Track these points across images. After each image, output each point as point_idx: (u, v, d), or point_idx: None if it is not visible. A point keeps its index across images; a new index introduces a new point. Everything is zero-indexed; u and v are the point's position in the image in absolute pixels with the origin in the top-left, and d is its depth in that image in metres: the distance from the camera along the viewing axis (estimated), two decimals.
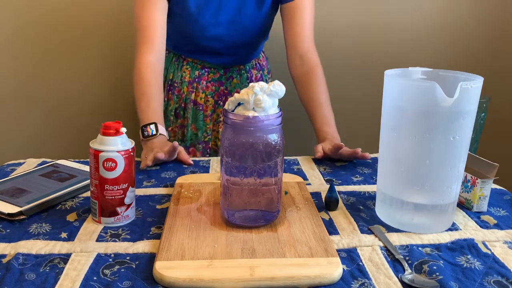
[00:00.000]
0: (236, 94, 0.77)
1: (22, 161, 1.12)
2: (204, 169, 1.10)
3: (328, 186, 0.98)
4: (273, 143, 0.75)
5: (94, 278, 0.67)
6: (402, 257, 0.73)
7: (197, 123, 1.45)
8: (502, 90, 1.82)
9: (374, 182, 1.02)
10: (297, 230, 0.78)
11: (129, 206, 0.83)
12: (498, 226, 0.83)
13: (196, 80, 1.43)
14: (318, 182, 1.02)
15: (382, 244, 0.77)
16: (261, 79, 1.52)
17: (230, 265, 0.68)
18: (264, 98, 0.75)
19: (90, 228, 0.81)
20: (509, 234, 0.81)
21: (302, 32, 1.31)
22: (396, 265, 0.71)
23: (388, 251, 0.75)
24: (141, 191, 0.96)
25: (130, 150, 0.81)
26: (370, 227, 0.82)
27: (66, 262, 0.70)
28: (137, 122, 1.22)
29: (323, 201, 0.91)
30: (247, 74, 1.48)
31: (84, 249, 0.74)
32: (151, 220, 0.85)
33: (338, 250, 0.74)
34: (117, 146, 0.80)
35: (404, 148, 0.80)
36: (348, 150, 1.11)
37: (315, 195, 0.95)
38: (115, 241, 0.77)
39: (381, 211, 0.86)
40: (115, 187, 0.80)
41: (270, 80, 1.56)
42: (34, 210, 0.85)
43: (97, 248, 0.75)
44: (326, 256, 0.70)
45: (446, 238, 0.79)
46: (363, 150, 1.46)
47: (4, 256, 0.72)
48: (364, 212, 0.88)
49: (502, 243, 0.78)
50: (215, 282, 0.65)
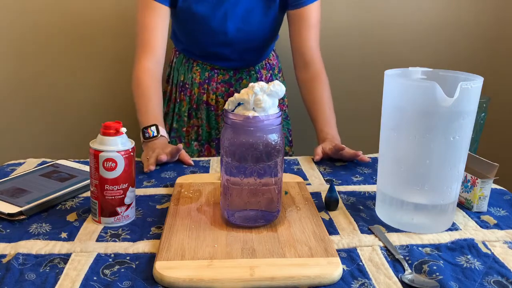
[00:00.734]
0: (236, 94, 0.77)
1: (22, 161, 1.12)
2: (204, 169, 1.10)
3: (328, 186, 0.98)
4: (273, 143, 0.75)
5: (94, 278, 0.67)
6: (402, 257, 0.73)
7: (210, 123, 1.46)
8: (502, 90, 1.82)
9: (374, 182, 1.02)
10: (297, 230, 0.78)
11: (129, 206, 0.83)
12: (498, 226, 0.83)
13: (206, 81, 1.43)
14: (318, 182, 1.02)
15: (382, 244, 0.77)
16: (271, 79, 1.51)
17: (230, 265, 0.68)
18: (264, 98, 0.75)
19: (90, 228, 0.81)
20: (509, 234, 0.81)
21: (308, 40, 1.31)
22: (396, 265, 0.71)
23: (388, 251, 0.75)
24: (141, 191, 0.96)
25: (130, 150, 0.81)
26: (370, 227, 0.82)
27: (66, 262, 0.70)
28: (137, 122, 1.22)
29: (323, 201, 0.91)
30: (257, 74, 1.47)
31: (84, 249, 0.74)
32: (151, 220, 0.85)
33: (338, 250, 0.74)
34: (117, 146, 0.80)
35: (404, 148, 0.80)
36: (349, 151, 1.11)
37: (315, 195, 0.95)
38: (115, 241, 0.77)
39: (381, 211, 0.86)
40: (115, 187, 0.80)
41: (281, 78, 1.57)
42: (34, 210, 0.85)
43: (97, 248, 0.74)
44: (326, 256, 0.70)
45: (446, 238, 0.79)
46: (363, 150, 1.46)
47: (4, 256, 0.72)
48: (364, 212, 0.88)
49: (502, 243, 0.78)
50: (215, 282, 0.65)
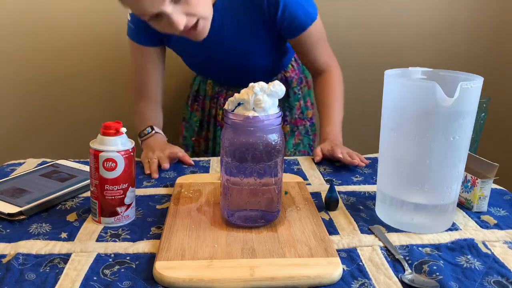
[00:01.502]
0: (236, 94, 0.77)
1: (22, 161, 1.13)
2: (204, 169, 1.10)
3: (328, 186, 0.98)
4: (273, 143, 0.75)
5: (94, 278, 0.67)
6: (402, 257, 0.73)
7: (217, 139, 1.44)
8: (502, 90, 1.82)
9: (374, 182, 1.02)
10: (297, 230, 0.78)
11: (129, 206, 0.83)
12: (498, 226, 0.83)
13: (216, 95, 1.42)
14: (318, 182, 1.02)
15: (382, 244, 0.77)
16: (286, 92, 1.44)
17: (230, 265, 0.68)
18: (264, 98, 0.74)
19: (90, 228, 0.81)
20: (509, 234, 0.81)
21: (316, 57, 1.26)
22: (396, 265, 0.71)
23: (388, 251, 0.75)
24: (141, 191, 0.96)
25: (130, 150, 0.81)
26: (370, 227, 0.82)
27: (66, 262, 0.70)
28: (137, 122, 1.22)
29: (323, 201, 0.91)
30: None
31: (84, 249, 0.74)
32: (151, 220, 0.84)
33: (338, 250, 0.74)
34: (117, 146, 0.80)
35: (404, 148, 0.80)
36: (345, 160, 1.08)
37: (315, 195, 0.95)
38: (115, 241, 0.77)
39: (381, 211, 0.86)
40: (115, 187, 0.80)
41: (301, 90, 1.46)
42: (34, 210, 0.85)
43: (97, 248, 0.74)
44: (326, 256, 0.70)
45: (446, 238, 0.79)
46: (363, 150, 1.46)
47: (4, 256, 0.72)
48: (364, 212, 0.88)
49: (502, 243, 0.78)
50: (215, 282, 0.65)
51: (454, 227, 0.83)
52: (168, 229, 0.78)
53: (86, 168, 1.03)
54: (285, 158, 1.15)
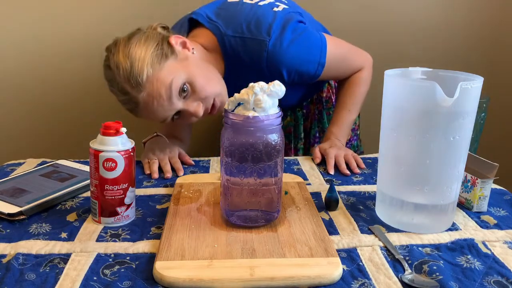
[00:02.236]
0: (236, 94, 0.77)
1: (22, 161, 1.13)
2: (204, 169, 1.10)
3: (328, 186, 0.98)
4: (273, 143, 0.75)
5: (94, 278, 0.67)
6: (402, 257, 0.73)
7: None
8: (502, 90, 1.82)
9: (374, 182, 1.02)
10: (297, 230, 0.78)
11: (129, 206, 0.83)
12: (498, 226, 0.83)
13: None
14: (318, 182, 1.02)
15: (382, 244, 0.77)
16: (319, 114, 1.39)
17: (230, 265, 0.68)
18: (264, 98, 0.74)
19: (90, 228, 0.81)
20: (509, 234, 0.81)
21: (343, 77, 1.26)
22: (396, 265, 0.71)
23: (388, 251, 0.75)
24: (141, 191, 0.96)
25: (130, 150, 0.81)
26: (370, 227, 0.82)
27: (66, 262, 0.70)
28: (137, 122, 1.22)
29: (323, 201, 0.91)
30: (303, 111, 1.39)
31: (84, 249, 0.74)
32: (151, 220, 0.84)
33: (338, 250, 0.74)
34: (117, 146, 0.80)
35: (404, 148, 0.80)
36: (342, 172, 1.07)
37: (315, 195, 0.95)
38: (115, 241, 0.77)
39: (381, 211, 0.86)
40: (115, 187, 0.80)
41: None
42: (34, 210, 0.85)
43: (97, 248, 0.74)
44: (326, 256, 0.70)
45: (446, 238, 0.79)
46: (363, 150, 1.45)
47: (4, 256, 0.72)
48: (364, 212, 0.88)
49: (502, 243, 0.78)
50: (215, 282, 0.65)
51: (454, 227, 0.83)
52: (168, 229, 0.78)
53: (86, 168, 1.03)
54: (285, 158, 1.15)
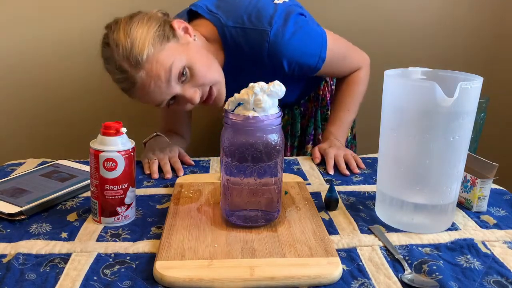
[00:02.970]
0: (236, 94, 0.77)
1: (22, 161, 1.13)
2: (204, 169, 1.10)
3: (328, 186, 0.98)
4: (273, 143, 0.75)
5: (94, 278, 0.67)
6: (402, 257, 0.73)
7: None
8: (502, 90, 1.82)
9: (374, 182, 1.02)
10: (297, 230, 0.78)
11: (129, 206, 0.83)
12: (497, 226, 0.83)
13: None
14: (318, 182, 1.02)
15: (382, 244, 0.77)
16: (314, 112, 1.40)
17: (230, 265, 0.68)
18: (264, 98, 0.75)
19: (90, 228, 0.81)
20: (508, 234, 0.81)
21: (340, 75, 1.25)
22: (396, 265, 0.71)
23: (388, 251, 0.75)
24: (141, 191, 0.96)
25: (130, 150, 0.81)
26: (370, 227, 0.82)
27: (66, 262, 0.71)
28: (137, 122, 1.22)
29: (323, 201, 0.91)
30: (300, 109, 1.40)
31: (84, 249, 0.74)
32: (151, 220, 0.85)
33: (338, 250, 0.75)
34: (117, 146, 0.80)
35: (404, 148, 0.80)
36: (341, 172, 1.08)
37: (315, 195, 0.95)
38: (115, 241, 0.77)
39: (381, 211, 0.86)
40: (115, 187, 0.80)
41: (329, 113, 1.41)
42: (34, 210, 0.85)
43: (97, 248, 0.75)
44: (326, 256, 0.70)
45: (446, 238, 0.79)
46: (363, 150, 1.46)
47: (4, 256, 0.72)
48: (364, 212, 0.88)
49: (502, 243, 0.78)
50: (215, 282, 0.65)
51: (453, 227, 0.83)
52: (168, 229, 0.78)
53: (86, 168, 1.03)
54: (285, 158, 1.15)
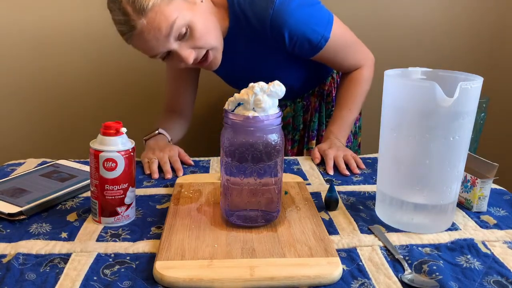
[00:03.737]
0: (236, 94, 0.77)
1: (22, 161, 1.13)
2: (204, 169, 1.10)
3: (328, 186, 0.98)
4: (273, 143, 0.75)
5: (94, 278, 0.67)
6: (402, 257, 0.73)
7: None
8: (502, 90, 1.82)
9: (374, 182, 1.02)
10: (297, 230, 0.78)
11: (129, 206, 0.83)
12: (498, 226, 0.83)
13: None
14: (318, 182, 1.02)
15: (382, 244, 0.77)
16: (319, 108, 1.39)
17: (230, 265, 0.68)
18: (264, 98, 0.75)
19: (90, 228, 0.81)
20: (508, 234, 0.81)
21: (341, 65, 1.23)
22: (396, 265, 0.71)
23: (388, 251, 0.75)
24: (141, 191, 0.96)
25: (130, 150, 0.81)
26: (370, 227, 0.82)
27: (66, 262, 0.71)
28: (137, 122, 1.22)
29: (323, 201, 0.91)
30: (303, 102, 1.39)
31: (84, 249, 0.74)
32: (151, 220, 0.85)
33: (338, 250, 0.75)
34: (117, 146, 0.80)
35: (404, 148, 0.80)
36: (341, 172, 1.07)
37: (315, 195, 0.95)
38: (115, 241, 0.77)
39: (381, 211, 0.86)
40: (115, 187, 0.80)
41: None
42: (34, 210, 0.85)
43: (97, 248, 0.75)
44: (326, 256, 0.70)
45: (446, 238, 0.79)
46: (363, 150, 1.46)
47: (4, 256, 0.72)
48: (364, 212, 0.88)
49: (502, 243, 0.78)
50: (215, 282, 0.65)
51: (453, 227, 0.83)
52: (168, 229, 0.78)
53: (86, 168, 1.03)
54: (285, 158, 1.15)
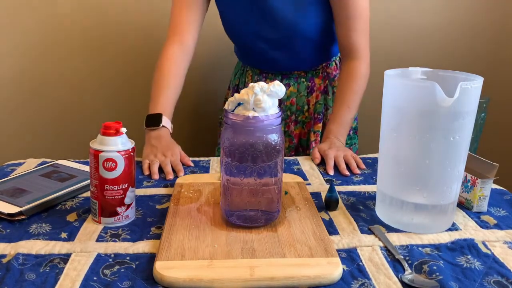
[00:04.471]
0: (236, 94, 0.77)
1: (22, 161, 1.12)
2: (204, 169, 1.10)
3: (328, 186, 0.98)
4: (273, 143, 0.75)
5: (94, 278, 0.67)
6: (402, 257, 0.73)
7: None
8: (502, 90, 1.82)
9: (374, 182, 1.02)
10: (297, 230, 0.78)
11: (129, 206, 0.83)
12: (498, 226, 0.83)
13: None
14: (318, 182, 1.02)
15: (382, 244, 0.77)
16: (325, 90, 1.38)
17: (230, 265, 0.68)
18: (264, 98, 0.75)
19: (90, 228, 0.81)
20: (509, 234, 0.81)
21: (350, 31, 1.21)
22: (396, 265, 0.71)
23: (388, 251, 0.75)
24: (141, 191, 0.96)
25: (130, 150, 0.81)
26: (370, 227, 0.82)
27: (66, 262, 0.71)
28: (137, 122, 1.22)
29: (323, 201, 0.91)
30: (308, 83, 1.38)
31: (84, 249, 0.74)
32: (151, 220, 0.85)
33: (338, 250, 0.74)
34: (117, 146, 0.80)
35: (404, 148, 0.80)
36: (341, 172, 1.07)
37: (315, 195, 0.95)
38: (115, 241, 0.77)
39: (381, 211, 0.86)
40: (115, 187, 0.80)
41: None
42: (34, 210, 0.85)
43: (97, 248, 0.75)
44: (326, 256, 0.70)
45: (446, 238, 0.79)
46: (363, 150, 1.45)
47: (4, 256, 0.72)
48: (364, 212, 0.88)
49: (502, 243, 0.78)
50: (215, 282, 0.65)
51: (454, 227, 0.83)
52: (168, 229, 0.78)
53: (86, 168, 1.03)
54: (285, 158, 1.15)
